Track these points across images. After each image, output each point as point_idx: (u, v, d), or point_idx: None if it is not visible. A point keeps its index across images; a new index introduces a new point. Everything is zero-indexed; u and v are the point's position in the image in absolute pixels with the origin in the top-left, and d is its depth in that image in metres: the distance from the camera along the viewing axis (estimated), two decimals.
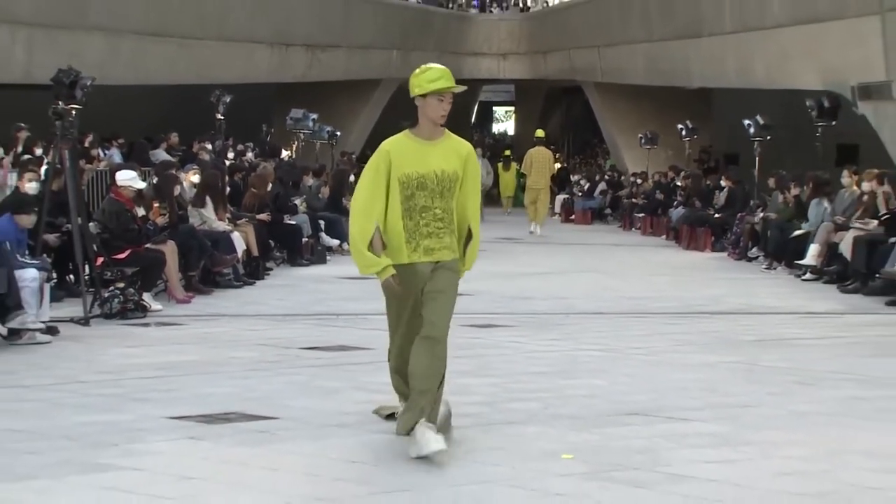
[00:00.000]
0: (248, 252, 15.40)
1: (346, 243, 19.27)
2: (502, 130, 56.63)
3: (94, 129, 19.56)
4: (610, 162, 37.11)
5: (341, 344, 10.17)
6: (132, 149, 21.19)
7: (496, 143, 50.13)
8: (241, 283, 14.70)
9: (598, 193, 32.11)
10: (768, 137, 21.30)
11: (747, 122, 21.53)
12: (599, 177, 33.56)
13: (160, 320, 11.64)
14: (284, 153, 26.05)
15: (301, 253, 17.85)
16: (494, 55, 39.78)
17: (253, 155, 24.12)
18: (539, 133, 28.39)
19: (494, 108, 56.39)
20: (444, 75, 6.38)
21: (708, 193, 23.18)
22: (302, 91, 30.80)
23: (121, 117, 24.37)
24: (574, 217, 31.30)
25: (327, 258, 18.50)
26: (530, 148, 27.01)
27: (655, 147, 30.79)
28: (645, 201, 27.67)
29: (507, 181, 34.00)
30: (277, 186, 18.19)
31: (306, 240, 18.15)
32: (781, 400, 7.88)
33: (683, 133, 28.46)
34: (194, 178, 15.60)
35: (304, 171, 21.65)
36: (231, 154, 22.89)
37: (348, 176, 22.02)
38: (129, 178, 12.65)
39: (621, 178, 32.71)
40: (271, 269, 16.62)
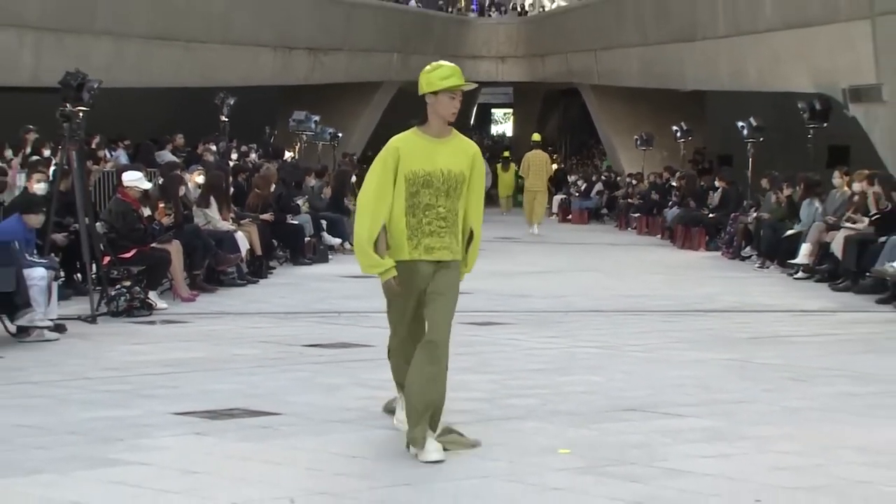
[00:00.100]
0: (251, 251, 15.39)
1: (348, 242, 19.31)
2: (501, 132, 56.60)
3: (100, 130, 19.56)
4: (606, 163, 37.11)
5: (343, 341, 10.17)
6: (138, 150, 21.17)
7: (495, 144, 50.09)
8: (245, 282, 14.69)
9: (595, 194, 32.10)
10: (761, 139, 21.31)
11: (740, 123, 21.52)
12: (596, 177, 33.54)
13: (166, 318, 11.63)
14: (287, 154, 26.02)
15: (303, 252, 17.84)
16: (493, 58, 39.78)
17: (256, 156, 24.10)
18: (536, 137, 28.50)
19: (493, 110, 56.36)
20: (455, 73, 6.24)
21: (702, 194, 23.17)
22: (305, 93, 30.80)
23: (127, 119, 24.35)
24: (571, 217, 31.30)
25: (329, 257, 18.49)
26: (528, 151, 27.08)
27: (651, 148, 30.79)
28: (640, 201, 27.66)
29: (506, 182, 34.03)
30: (280, 187, 18.18)
31: (309, 239, 18.14)
32: (775, 396, 7.88)
33: (678, 134, 28.45)
34: (199, 178, 15.60)
35: (306, 172, 21.65)
36: (235, 155, 22.87)
37: (350, 176, 22.03)
38: (135, 179, 12.65)
39: (617, 178, 32.69)
40: (274, 267, 16.61)
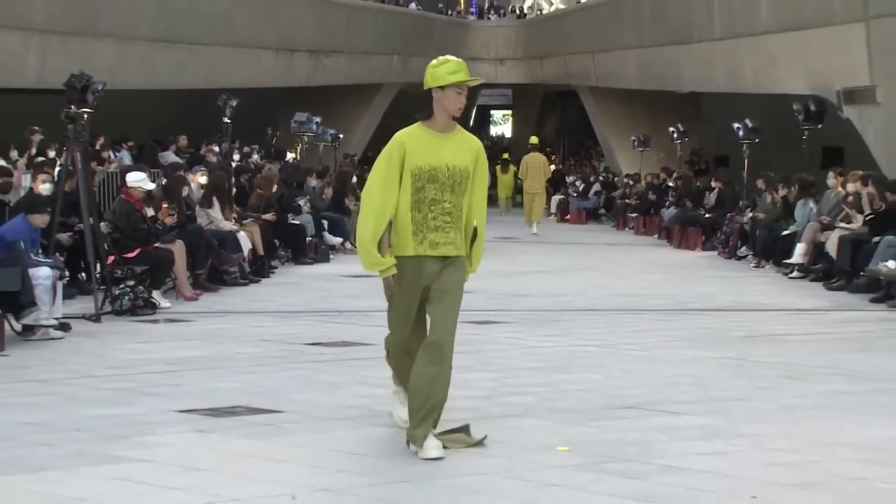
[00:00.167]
0: (253, 251, 15.39)
1: (349, 242, 19.33)
2: (500, 133, 56.59)
3: (105, 132, 19.53)
4: (604, 163, 37.09)
5: (344, 340, 10.17)
6: (142, 151, 21.17)
7: (494, 145, 50.08)
8: (247, 281, 14.69)
9: (593, 194, 32.09)
10: (756, 140, 21.30)
11: (736, 125, 21.52)
12: (594, 178, 33.52)
13: (169, 317, 11.63)
14: (289, 155, 26.01)
15: (305, 252, 17.84)
16: (492, 60, 39.78)
17: (259, 157, 24.08)
18: (533, 140, 28.59)
19: (492, 111, 56.36)
20: (462, 68, 6.13)
21: (698, 194, 23.17)
22: (306, 95, 30.78)
23: (131, 121, 24.33)
24: (569, 217, 31.29)
25: (330, 257, 18.49)
26: (526, 153, 27.12)
27: (648, 149, 30.79)
28: (638, 202, 27.65)
29: (505, 183, 34.07)
30: (282, 187, 18.18)
31: (310, 239, 18.14)
32: (770, 394, 7.88)
33: (675, 136, 28.45)
34: (202, 179, 15.60)
35: (307, 173, 21.65)
36: (237, 156, 22.85)
37: (351, 177, 22.04)
38: (138, 180, 12.65)
39: (615, 179, 32.68)
40: (276, 267, 16.61)
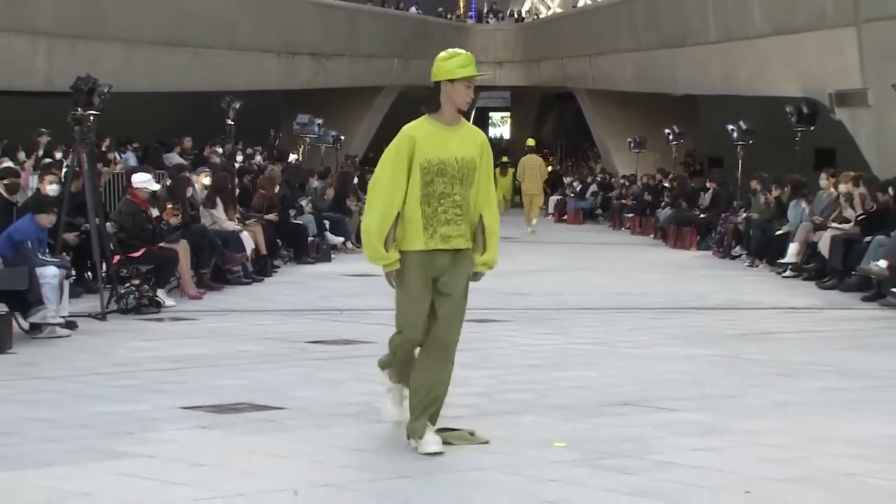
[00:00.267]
0: (256, 250, 15.38)
1: (350, 242, 19.34)
2: (498, 135, 56.54)
3: (110, 133, 19.55)
4: (601, 165, 37.11)
5: (345, 338, 10.16)
6: (147, 152, 21.16)
7: (493, 147, 49.91)
8: (250, 280, 14.69)
9: (590, 195, 32.11)
10: (750, 142, 21.33)
11: (731, 127, 21.54)
12: (591, 179, 33.56)
13: (173, 315, 11.63)
14: (291, 156, 26.03)
15: (307, 251, 17.84)
16: (491, 63, 39.77)
17: (261, 158, 24.08)
18: (530, 142, 28.56)
19: (491, 113, 56.30)
20: (471, 62, 5.99)
21: (693, 195, 23.17)
22: (308, 97, 30.80)
23: (136, 123, 24.35)
24: (567, 217, 31.31)
25: (332, 256, 18.49)
26: (523, 154, 27.12)
27: (644, 151, 30.81)
28: (634, 202, 27.66)
29: (504, 185, 33.99)
30: (284, 188, 18.18)
31: (312, 239, 18.14)
32: (763, 391, 7.87)
33: (670, 137, 28.47)
34: (206, 180, 15.58)
35: (309, 174, 21.66)
36: (240, 157, 22.84)
37: (352, 178, 22.05)
38: (143, 181, 12.65)
39: (611, 180, 32.71)
40: (279, 266, 16.60)
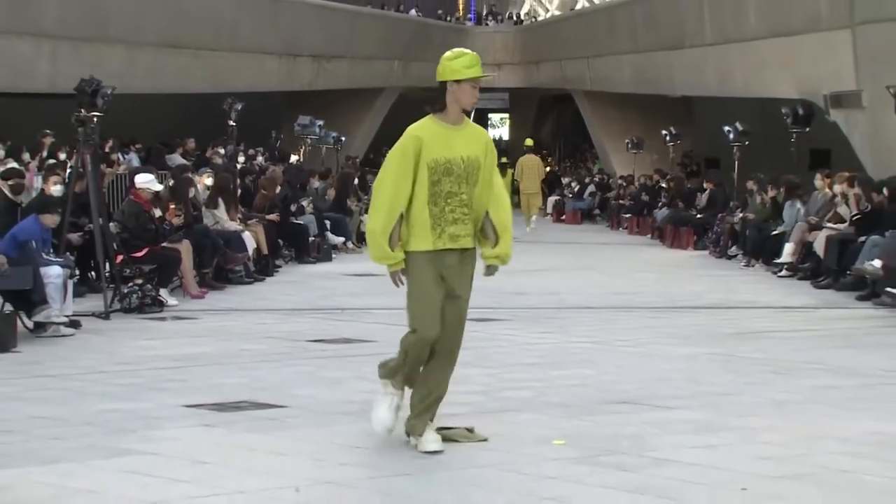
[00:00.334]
0: (258, 250, 15.38)
1: (351, 242, 19.34)
2: (497, 136, 56.55)
3: (114, 134, 19.55)
4: (598, 165, 37.10)
5: (346, 337, 10.15)
6: (150, 153, 21.16)
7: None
8: (252, 280, 14.68)
9: (588, 195, 32.11)
10: (746, 143, 21.30)
11: (727, 128, 21.52)
12: (589, 179, 33.55)
13: (176, 314, 11.63)
14: (292, 157, 26.02)
15: (308, 251, 17.83)
16: (490, 65, 39.63)
17: (263, 159, 24.09)
18: (528, 142, 28.55)
19: (490, 115, 56.28)
20: (478, 62, 5.94)
21: (690, 195, 23.16)
22: (309, 99, 30.79)
23: (139, 124, 24.35)
24: (565, 217, 31.31)
25: (333, 256, 18.49)
26: (522, 155, 27.11)
27: (641, 151, 30.81)
28: (631, 202, 27.67)
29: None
30: (286, 188, 18.17)
31: (313, 239, 18.14)
32: (759, 389, 7.87)
33: (667, 138, 28.47)
34: (208, 180, 15.58)
35: (310, 174, 21.63)
36: (242, 158, 22.84)
37: (353, 179, 22.04)
38: (146, 181, 12.65)
39: (609, 180, 32.70)
40: (280, 266, 16.60)
